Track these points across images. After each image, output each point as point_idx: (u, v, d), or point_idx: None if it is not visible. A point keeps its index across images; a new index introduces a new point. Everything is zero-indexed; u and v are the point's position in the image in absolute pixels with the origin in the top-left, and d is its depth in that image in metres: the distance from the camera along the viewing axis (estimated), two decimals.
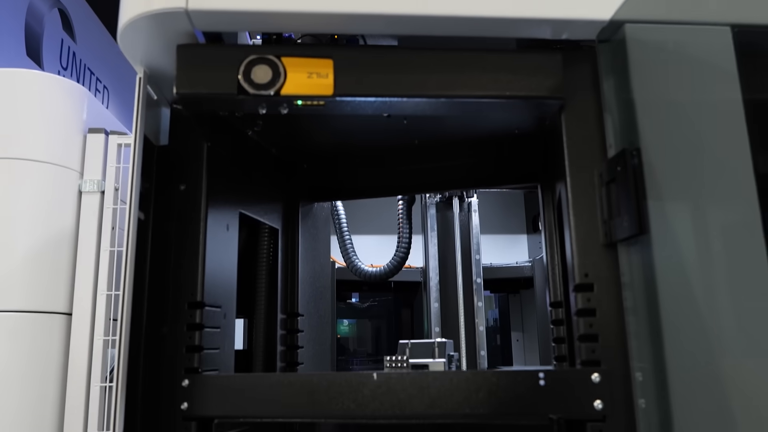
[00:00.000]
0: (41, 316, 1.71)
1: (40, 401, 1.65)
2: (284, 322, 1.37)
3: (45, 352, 1.69)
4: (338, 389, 0.93)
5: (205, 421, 0.99)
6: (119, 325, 0.93)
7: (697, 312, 0.89)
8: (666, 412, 0.86)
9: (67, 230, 1.81)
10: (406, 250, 2.59)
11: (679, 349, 0.87)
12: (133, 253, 0.95)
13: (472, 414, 0.88)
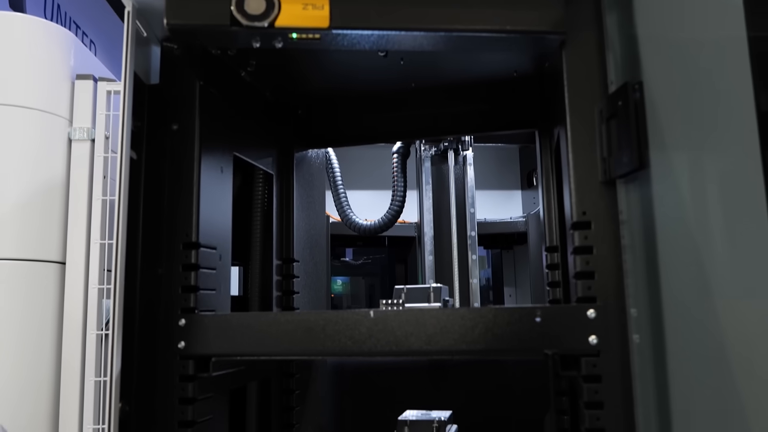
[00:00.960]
0: (34, 265, 1.70)
1: (37, 350, 1.66)
2: (279, 268, 1.37)
3: (40, 302, 1.69)
4: (335, 327, 0.93)
5: (202, 359, 0.99)
6: (114, 265, 0.92)
7: (694, 250, 0.89)
8: (660, 347, 0.87)
9: (57, 179, 1.79)
10: (401, 203, 2.58)
11: (675, 286, 0.88)
12: (126, 190, 0.94)
13: (469, 351, 0.88)
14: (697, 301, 0.88)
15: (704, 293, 0.89)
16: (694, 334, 0.87)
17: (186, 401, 0.98)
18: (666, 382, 0.85)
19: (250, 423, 1.25)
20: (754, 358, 0.86)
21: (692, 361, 0.86)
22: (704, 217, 0.90)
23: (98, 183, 1.82)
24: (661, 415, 0.85)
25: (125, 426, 0.92)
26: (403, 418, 1.28)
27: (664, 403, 0.85)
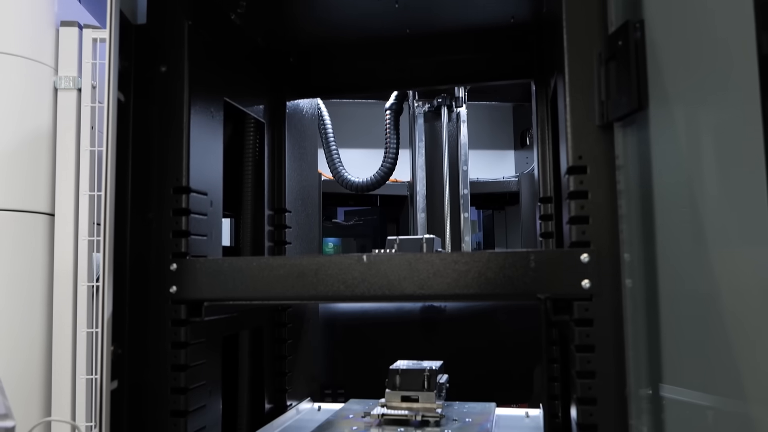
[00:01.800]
0: (23, 216, 1.68)
1: (28, 301, 1.66)
2: (271, 218, 1.36)
3: (30, 253, 1.68)
4: (327, 271, 0.93)
5: (194, 304, 0.99)
6: (104, 203, 0.91)
7: (690, 196, 0.88)
8: (652, 292, 0.87)
9: (44, 128, 1.75)
10: (393, 160, 2.56)
11: (669, 232, 0.88)
12: (114, 131, 0.91)
13: (462, 295, 0.88)
14: (691, 248, 0.88)
15: (698, 240, 0.89)
16: (686, 280, 0.87)
17: (178, 345, 0.98)
18: (657, 327, 0.86)
19: (243, 370, 1.26)
20: (746, 305, 0.87)
21: (684, 306, 0.87)
22: (701, 163, 0.89)
23: (86, 133, 1.79)
24: (651, 359, 0.86)
25: (118, 368, 0.92)
26: (394, 367, 1.29)
27: (655, 347, 0.86)
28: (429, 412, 1.21)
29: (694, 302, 0.87)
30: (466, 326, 2.08)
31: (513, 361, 2.05)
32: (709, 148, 0.89)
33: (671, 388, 0.85)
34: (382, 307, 2.13)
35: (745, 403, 0.83)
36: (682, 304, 0.87)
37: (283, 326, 1.35)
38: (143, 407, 0.97)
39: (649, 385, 0.85)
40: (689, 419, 0.84)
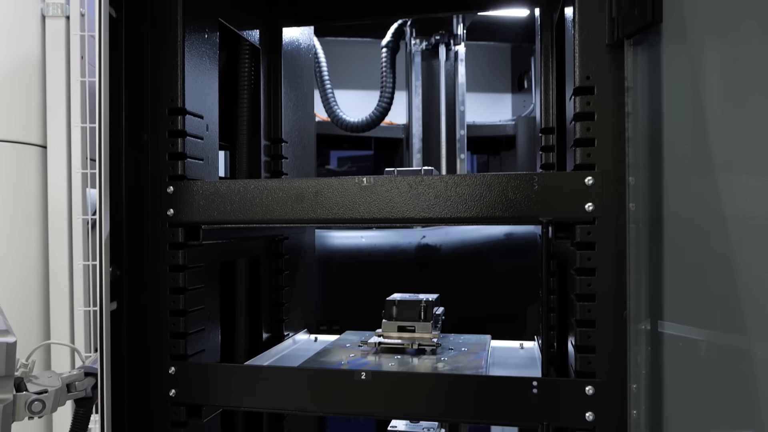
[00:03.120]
0: (14, 147, 1.65)
1: (23, 234, 1.64)
2: (267, 149, 1.33)
3: (23, 185, 1.65)
4: (327, 194, 0.91)
5: (191, 227, 0.98)
6: (98, 123, 0.88)
7: (700, 119, 0.87)
8: (657, 217, 0.86)
9: (32, 57, 1.70)
10: (389, 99, 2.52)
11: (677, 156, 0.86)
12: (107, 48, 0.88)
13: (465, 218, 0.88)
14: (698, 174, 0.87)
15: (706, 166, 0.87)
16: (691, 206, 0.87)
17: (176, 268, 0.97)
18: (660, 252, 0.86)
19: (240, 298, 1.26)
20: (751, 233, 0.87)
21: (688, 232, 0.86)
22: (713, 86, 0.87)
23: (76, 64, 1.74)
24: (652, 283, 0.86)
25: (117, 290, 0.91)
26: (391, 298, 1.29)
27: (657, 271, 0.86)
28: (425, 341, 1.22)
29: (699, 228, 0.87)
30: (460, 265, 2.09)
31: (507, 299, 2.07)
32: (723, 70, 0.87)
33: (671, 313, 0.85)
34: (378, 245, 2.13)
35: (745, 325, 0.84)
36: (685, 230, 0.86)
37: (280, 257, 1.35)
38: (143, 329, 0.97)
39: (649, 310, 0.86)
40: (686, 345, 0.85)
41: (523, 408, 0.86)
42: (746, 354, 0.84)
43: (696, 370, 0.84)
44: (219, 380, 0.96)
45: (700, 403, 0.83)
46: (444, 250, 2.09)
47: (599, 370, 0.84)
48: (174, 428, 0.97)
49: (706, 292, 0.85)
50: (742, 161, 0.89)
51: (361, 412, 0.91)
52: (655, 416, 0.84)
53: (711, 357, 0.84)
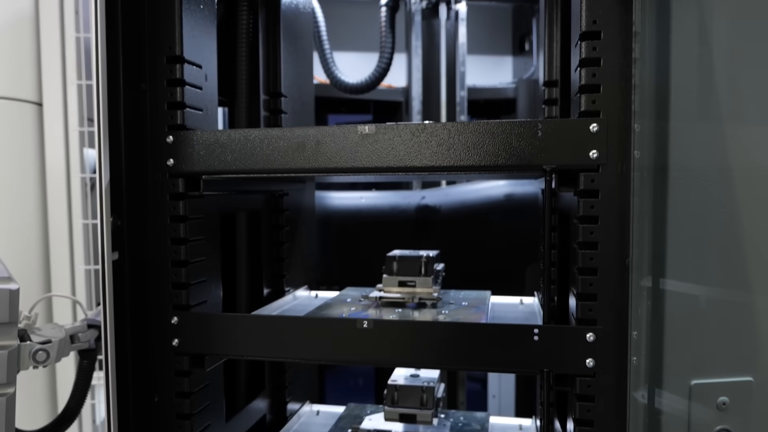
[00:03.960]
0: (9, 104, 1.63)
1: (21, 193, 1.63)
2: (267, 104, 1.32)
3: (18, 142, 1.63)
4: (329, 143, 0.90)
5: (191, 177, 0.97)
6: (96, 72, 0.87)
7: (709, 67, 0.86)
8: (662, 165, 0.86)
9: (25, 11, 1.67)
10: (389, 59, 2.49)
11: (684, 103, 0.86)
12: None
13: (470, 167, 0.87)
14: (705, 122, 0.87)
15: (713, 114, 0.87)
16: (697, 155, 0.86)
17: (177, 219, 0.97)
18: (665, 200, 0.86)
19: (241, 252, 1.26)
20: (757, 182, 0.86)
21: (693, 181, 0.86)
22: (724, 32, 0.86)
23: (70, 19, 1.71)
24: (656, 231, 0.86)
25: (118, 240, 0.91)
26: (391, 254, 1.29)
27: (661, 220, 0.86)
28: (426, 295, 1.23)
29: (703, 178, 0.86)
30: (460, 226, 2.09)
31: (506, 260, 2.08)
32: (732, 17, 0.85)
33: (674, 262, 0.86)
34: (377, 206, 2.13)
35: (747, 274, 0.84)
36: (690, 179, 0.86)
37: (280, 213, 1.34)
38: (145, 279, 0.97)
39: (651, 258, 0.86)
40: (688, 294, 0.85)
41: (524, 355, 0.87)
42: (747, 303, 0.85)
43: (697, 318, 0.84)
44: (221, 330, 0.96)
45: (700, 350, 0.83)
46: (444, 210, 2.09)
47: (600, 317, 0.85)
48: (177, 377, 0.98)
49: (710, 242, 0.85)
50: (750, 111, 0.88)
51: (363, 360, 0.92)
52: (655, 363, 0.85)
53: (712, 306, 0.85)
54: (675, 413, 0.83)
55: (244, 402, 1.26)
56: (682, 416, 0.82)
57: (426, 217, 2.09)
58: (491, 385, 3.25)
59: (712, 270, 0.85)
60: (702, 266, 0.85)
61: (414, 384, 1.34)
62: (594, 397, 0.85)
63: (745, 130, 0.88)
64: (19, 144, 1.64)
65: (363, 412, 1.41)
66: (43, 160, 1.70)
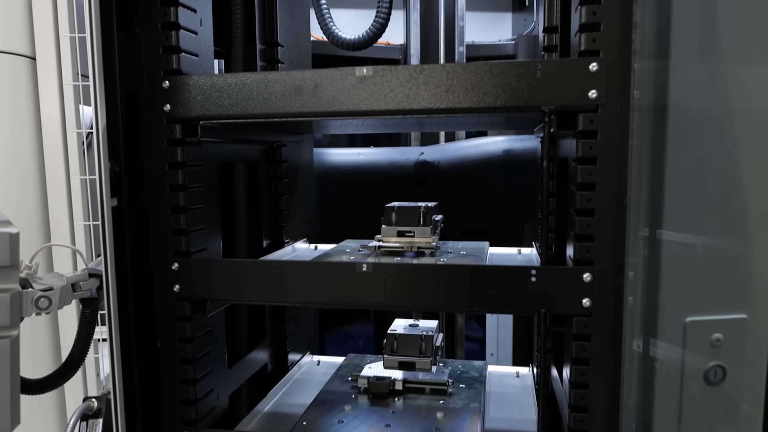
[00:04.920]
0: (3, 58, 1.60)
1: (17, 149, 1.62)
2: (263, 53, 1.30)
3: (13, 97, 1.62)
4: (327, 85, 0.90)
5: (189, 123, 0.97)
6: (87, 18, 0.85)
7: (710, 4, 0.85)
8: (661, 105, 0.85)
9: None
10: (387, 14, 2.44)
11: (685, 42, 0.85)
12: None
13: (468, 108, 0.86)
14: (707, 61, 0.86)
15: (715, 53, 0.86)
16: (698, 96, 0.86)
17: (175, 165, 0.96)
18: (663, 139, 0.85)
19: (240, 202, 1.27)
20: (757, 125, 0.86)
21: (692, 122, 0.86)
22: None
23: None
24: (654, 171, 0.86)
25: (117, 186, 0.91)
26: (390, 205, 1.30)
27: (659, 160, 0.86)
28: (424, 245, 1.24)
29: (703, 118, 0.86)
30: (458, 182, 2.09)
31: (505, 215, 2.09)
32: None
33: (672, 203, 0.86)
34: (375, 162, 2.12)
35: (744, 215, 0.85)
36: (690, 120, 0.86)
37: (279, 164, 1.34)
38: (144, 226, 0.97)
39: (649, 199, 0.86)
40: (686, 236, 0.86)
41: (521, 296, 0.88)
42: (744, 243, 0.85)
43: (694, 258, 0.85)
44: (222, 275, 0.97)
45: (696, 288, 0.84)
46: (442, 166, 2.09)
47: (597, 258, 0.85)
48: (179, 323, 0.99)
49: (708, 183, 0.86)
50: (752, 52, 0.87)
51: (363, 303, 0.93)
52: (650, 302, 0.86)
53: (709, 246, 0.85)
54: (669, 351, 0.84)
55: (245, 350, 1.28)
56: (676, 353, 0.83)
57: (424, 173, 2.08)
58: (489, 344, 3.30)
59: (710, 211, 0.85)
60: (700, 207, 0.85)
61: (413, 333, 1.36)
62: (590, 336, 0.87)
63: (746, 71, 0.87)
64: (14, 98, 1.63)
65: (363, 362, 1.44)
66: (38, 115, 1.69)
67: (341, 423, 1.12)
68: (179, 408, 1.01)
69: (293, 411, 1.20)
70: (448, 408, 1.19)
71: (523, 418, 1.19)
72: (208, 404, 1.05)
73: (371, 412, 1.18)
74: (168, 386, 1.00)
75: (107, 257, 0.89)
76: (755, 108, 0.87)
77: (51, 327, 1.64)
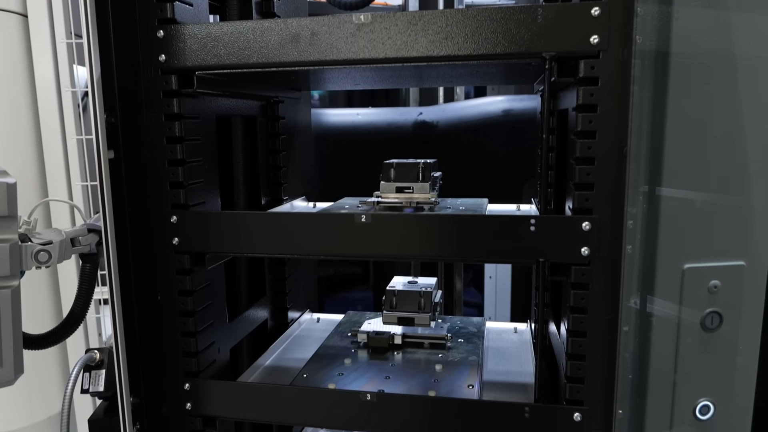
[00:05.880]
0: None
1: (12, 108, 1.61)
2: (259, 6, 1.28)
3: (6, 55, 1.59)
4: (324, 33, 0.88)
5: (185, 73, 0.95)
6: None
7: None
8: (663, 52, 0.84)
9: None
10: None
11: None
12: None
13: (467, 56, 0.85)
14: (710, 8, 0.84)
15: (718, 1, 0.84)
16: (700, 42, 0.85)
17: (172, 117, 0.96)
18: (665, 86, 0.85)
19: (237, 158, 1.26)
20: (760, 72, 0.85)
21: (694, 68, 0.85)
22: None
23: None
24: (655, 119, 0.85)
25: (113, 138, 0.90)
26: (388, 161, 1.29)
27: (660, 107, 0.85)
28: (423, 200, 1.23)
29: (707, 66, 0.85)
30: (457, 142, 2.07)
31: (503, 175, 2.08)
32: None
33: (672, 150, 0.85)
34: (374, 122, 2.10)
35: (746, 160, 0.84)
36: (692, 67, 0.85)
37: (276, 120, 1.33)
38: (141, 179, 0.97)
39: (650, 147, 0.86)
40: (686, 184, 0.85)
41: (520, 245, 0.88)
42: (744, 191, 0.85)
43: (693, 206, 0.85)
44: (220, 227, 0.97)
45: (694, 235, 0.84)
46: (441, 126, 2.07)
47: (597, 207, 0.85)
48: (179, 276, 1.00)
49: (710, 130, 0.85)
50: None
51: (361, 254, 0.93)
52: (649, 250, 0.86)
53: (709, 194, 0.85)
54: (667, 298, 0.85)
55: (245, 306, 1.29)
56: (674, 300, 0.84)
57: (423, 134, 2.07)
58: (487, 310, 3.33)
59: (710, 159, 0.85)
60: (701, 155, 0.85)
61: (412, 289, 1.37)
62: (588, 285, 0.87)
63: (750, 18, 0.86)
64: (8, 56, 1.60)
65: (362, 318, 1.45)
66: (32, 74, 1.66)
67: (341, 375, 1.14)
68: (180, 360, 1.02)
69: (293, 365, 1.22)
70: (447, 361, 1.21)
71: (521, 370, 1.20)
72: (209, 357, 1.06)
73: (371, 366, 1.20)
74: (169, 338, 1.01)
75: (105, 209, 0.89)
76: (758, 55, 0.86)
77: (51, 284, 1.65)
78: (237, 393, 1.02)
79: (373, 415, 0.97)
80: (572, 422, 0.90)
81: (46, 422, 1.68)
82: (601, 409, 0.89)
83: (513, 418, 0.92)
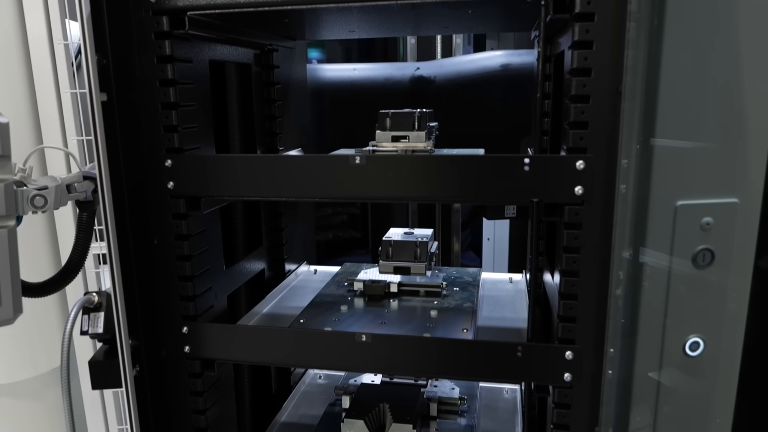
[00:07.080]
0: None
1: (5, 61, 1.59)
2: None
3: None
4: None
5: (175, 14, 0.94)
6: None
7: None
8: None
9: None
10: None
11: None
12: None
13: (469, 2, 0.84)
14: None
15: None
16: None
17: (164, 59, 0.95)
18: (662, 22, 0.84)
19: (233, 107, 1.25)
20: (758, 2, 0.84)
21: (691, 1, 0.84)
22: None
23: None
24: (651, 56, 0.84)
25: (105, 81, 0.89)
26: (384, 111, 1.28)
27: (657, 43, 0.84)
28: (419, 149, 1.23)
29: (705, 2, 0.84)
30: (455, 97, 2.06)
31: (501, 130, 2.07)
32: None
33: (668, 87, 0.85)
34: (370, 77, 2.08)
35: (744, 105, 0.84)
36: (690, 3, 0.84)
37: (271, 69, 1.32)
38: (135, 123, 0.97)
39: (645, 84, 0.85)
40: (678, 119, 0.85)
41: (515, 185, 0.88)
42: (738, 127, 0.85)
43: (688, 144, 0.85)
44: (215, 171, 0.97)
45: (688, 172, 0.85)
46: (438, 81, 2.06)
47: (591, 145, 0.85)
48: (175, 220, 1.00)
49: (709, 66, 0.84)
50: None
51: (357, 195, 0.94)
52: (642, 189, 0.86)
53: (703, 133, 0.85)
54: (659, 235, 0.85)
55: (242, 255, 1.30)
56: (666, 236, 0.84)
57: (420, 89, 2.05)
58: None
59: (707, 95, 0.84)
60: (697, 92, 0.84)
61: (408, 239, 1.38)
62: (581, 225, 0.87)
63: None
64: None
65: (359, 269, 1.46)
66: (23, 27, 1.64)
67: (337, 321, 1.15)
68: (178, 303, 1.03)
69: (291, 312, 1.23)
70: (442, 307, 1.22)
71: (515, 317, 1.22)
72: (207, 302, 1.07)
73: (367, 312, 1.21)
74: (166, 282, 1.02)
75: (99, 152, 0.89)
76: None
77: (49, 234, 1.65)
78: (235, 336, 1.03)
79: (368, 356, 0.98)
80: (564, 360, 0.92)
81: (50, 374, 1.70)
82: (592, 348, 0.90)
83: (506, 357, 0.94)
